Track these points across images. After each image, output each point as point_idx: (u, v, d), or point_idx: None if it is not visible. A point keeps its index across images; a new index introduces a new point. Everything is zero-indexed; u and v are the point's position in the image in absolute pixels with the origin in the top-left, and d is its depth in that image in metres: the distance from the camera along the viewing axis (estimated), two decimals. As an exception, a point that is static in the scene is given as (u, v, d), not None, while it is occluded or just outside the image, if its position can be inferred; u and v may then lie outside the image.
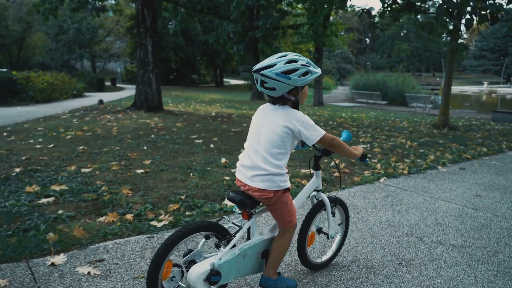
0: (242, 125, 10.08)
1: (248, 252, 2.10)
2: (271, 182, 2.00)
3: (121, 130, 8.12)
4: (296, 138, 2.04)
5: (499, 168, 6.61)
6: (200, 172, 4.99)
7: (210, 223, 2.10)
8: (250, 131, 2.15)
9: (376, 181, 5.25)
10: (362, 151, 2.32)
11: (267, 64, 1.95)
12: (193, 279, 1.91)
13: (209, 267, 1.94)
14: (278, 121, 2.00)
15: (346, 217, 2.81)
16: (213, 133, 8.33)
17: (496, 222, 3.94)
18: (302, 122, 1.98)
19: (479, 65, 68.89)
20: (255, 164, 2.01)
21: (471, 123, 14.78)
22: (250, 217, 2.13)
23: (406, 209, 4.15)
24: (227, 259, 2.00)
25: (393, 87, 27.31)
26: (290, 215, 2.15)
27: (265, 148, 2.00)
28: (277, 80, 1.92)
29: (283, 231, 2.18)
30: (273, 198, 2.04)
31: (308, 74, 1.97)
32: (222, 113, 13.18)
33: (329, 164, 5.95)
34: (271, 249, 2.18)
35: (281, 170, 2.03)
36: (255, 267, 2.18)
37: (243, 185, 2.08)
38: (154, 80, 11.69)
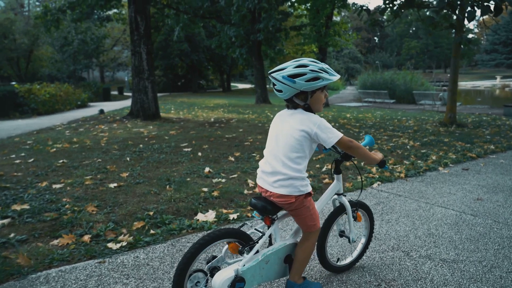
0: (239, 130, 9.79)
1: (271, 257, 2.12)
2: (293, 188, 2.01)
3: (110, 141, 7.89)
4: (313, 141, 2.05)
5: (506, 167, 6.17)
6: (178, 184, 4.70)
7: (233, 230, 2.11)
8: (269, 138, 2.16)
9: (369, 187, 4.88)
10: (381, 157, 2.28)
11: (279, 67, 2.02)
12: (218, 285, 1.92)
13: (233, 273, 1.96)
14: (295, 126, 2.01)
15: (370, 221, 2.79)
16: (205, 140, 8.05)
17: (497, 230, 3.55)
18: (318, 125, 1.99)
19: (491, 59, 67.38)
20: (275, 169, 2.02)
21: (481, 119, 14.23)
22: (272, 223, 2.14)
23: (396, 218, 3.79)
24: (251, 265, 2.02)
25: (401, 85, 26.71)
26: (313, 220, 2.14)
27: (283, 153, 2.02)
28: (283, 83, 1.97)
29: (306, 235, 2.18)
30: (295, 203, 2.04)
31: (317, 79, 1.97)
32: (221, 119, 12.91)
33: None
34: (295, 254, 2.18)
35: (301, 174, 2.04)
36: (278, 272, 2.20)
37: (265, 191, 2.09)
38: (150, 88, 11.48)
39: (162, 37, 34.61)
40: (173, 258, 2.86)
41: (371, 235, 2.83)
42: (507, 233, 3.47)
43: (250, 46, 22.22)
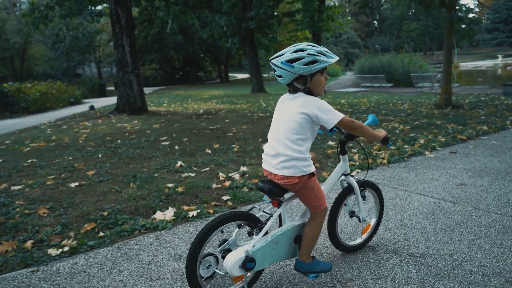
0: (225, 121, 9.53)
1: (281, 238, 2.15)
2: (295, 168, 2.03)
3: (89, 137, 7.67)
4: (315, 123, 2.07)
5: (496, 148, 5.89)
6: (143, 180, 4.47)
7: (242, 213, 2.15)
8: (272, 122, 2.19)
9: (347, 175, 4.61)
10: (385, 134, 2.28)
11: (279, 53, 2.04)
12: (229, 266, 1.98)
13: (244, 254, 2.01)
14: (296, 109, 2.04)
15: (379, 200, 2.80)
16: (187, 133, 7.80)
17: (475, 218, 3.29)
18: (318, 107, 2.00)
19: (492, 38, 66.17)
20: (277, 151, 2.05)
21: (479, 100, 13.87)
22: (280, 204, 2.18)
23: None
24: (260, 246, 2.06)
25: (399, 68, 26.22)
26: (318, 200, 2.16)
27: (285, 135, 2.04)
28: (282, 68, 2.01)
29: (314, 215, 2.20)
30: (299, 184, 2.06)
31: (315, 63, 1.99)
32: (211, 110, 12.64)
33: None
34: (303, 234, 2.21)
35: (303, 155, 2.05)
36: (288, 253, 2.23)
37: (270, 174, 2.13)
38: (135, 82, 11.21)
39: (156, 29, 34.20)
40: (114, 263, 2.64)
41: (381, 214, 2.85)
42: (486, 221, 3.21)
43: (243, 35, 21.80)
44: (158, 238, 3.01)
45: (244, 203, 3.72)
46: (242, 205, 3.70)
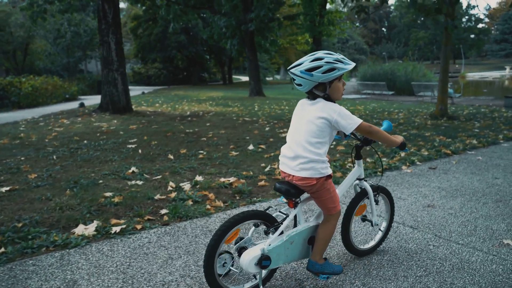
0: (206, 124, 9.18)
1: (295, 238, 2.20)
2: (313, 170, 2.07)
3: (57, 137, 7.36)
4: (334, 128, 2.11)
5: (480, 165, 5.47)
6: (84, 187, 4.12)
7: (259, 212, 2.19)
8: (291, 125, 2.23)
9: (308, 190, 4.24)
10: (402, 139, 2.34)
11: (297, 63, 2.09)
12: (246, 263, 2.04)
13: (260, 252, 2.06)
14: (316, 113, 2.08)
15: (391, 205, 2.84)
16: (160, 136, 7.45)
17: (432, 248, 2.89)
18: (338, 113, 2.06)
19: (501, 49, 65.28)
20: (296, 154, 2.10)
21: (478, 111, 13.42)
22: (296, 205, 2.21)
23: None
24: (276, 245, 2.11)
25: (402, 76, 25.79)
26: (333, 202, 2.20)
27: (304, 138, 2.09)
28: (301, 77, 2.05)
29: (327, 218, 2.24)
30: (316, 185, 2.10)
31: (333, 70, 2.04)
32: (199, 112, 12.31)
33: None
34: (316, 235, 2.25)
35: (321, 158, 2.10)
36: (302, 253, 2.27)
37: (287, 176, 2.16)
38: (120, 80, 10.90)
39: (160, 29, 34.04)
40: (-5, 289, 2.28)
41: (392, 218, 2.88)
42: (443, 253, 2.81)
43: (242, 37, 21.49)
44: (62, 258, 2.65)
45: (181, 219, 3.35)
46: (178, 220, 3.33)
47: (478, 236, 3.12)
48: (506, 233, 3.17)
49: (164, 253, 2.75)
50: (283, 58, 48.49)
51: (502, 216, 3.53)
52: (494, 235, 3.13)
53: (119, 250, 2.76)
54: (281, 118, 10.67)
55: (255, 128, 8.66)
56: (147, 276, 2.43)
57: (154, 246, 2.85)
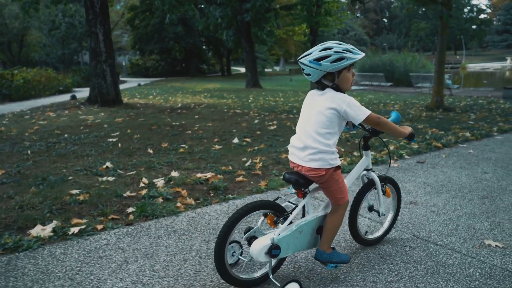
0: (194, 117, 8.98)
1: (304, 228, 2.21)
2: (323, 161, 2.08)
3: (39, 130, 7.18)
4: (343, 118, 2.11)
5: (470, 159, 5.29)
6: (51, 184, 3.95)
7: (268, 202, 2.21)
8: (300, 116, 2.24)
9: (288, 185, 4.06)
10: (410, 130, 2.32)
11: (307, 53, 2.09)
12: (256, 252, 2.05)
13: (270, 241, 2.07)
14: (325, 104, 2.08)
15: (397, 195, 2.87)
16: (145, 129, 7.27)
17: (408, 250, 2.72)
18: (347, 103, 2.05)
19: (502, 40, 64.46)
20: (306, 144, 2.10)
21: (476, 103, 13.21)
22: (305, 195, 2.22)
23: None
24: (285, 234, 2.12)
25: (401, 67, 25.47)
26: (341, 192, 2.21)
27: (314, 129, 2.09)
28: (310, 67, 2.06)
29: (335, 208, 2.25)
30: (325, 176, 2.11)
31: (342, 60, 2.03)
32: (190, 104, 12.10)
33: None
34: (325, 225, 2.26)
35: (330, 148, 2.11)
36: (310, 242, 2.29)
37: (296, 166, 2.17)
38: (109, 72, 10.67)
39: (156, 20, 33.62)
40: None
41: (398, 209, 2.89)
42: (419, 255, 2.63)
43: (238, 28, 21.18)
44: (9, 262, 2.48)
45: (146, 218, 3.18)
46: (144, 220, 3.16)
47: (459, 236, 2.94)
48: (489, 232, 2.99)
49: (120, 256, 2.58)
50: (283, 50, 48.09)
51: (487, 214, 3.35)
52: (476, 235, 2.96)
53: (73, 254, 2.59)
54: (273, 110, 10.47)
55: (244, 120, 8.47)
56: (96, 282, 2.27)
57: (112, 248, 2.68)
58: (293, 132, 7.13)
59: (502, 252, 2.67)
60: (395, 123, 2.36)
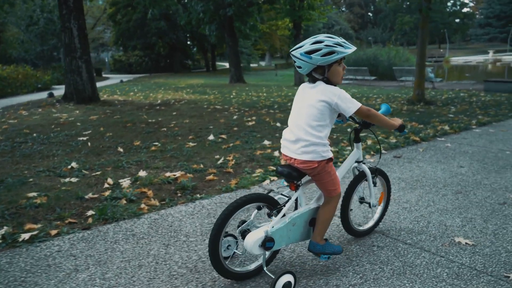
0: (172, 113, 8.78)
1: (297, 220, 2.23)
2: (315, 153, 2.09)
3: (9, 129, 6.91)
4: (334, 111, 2.13)
5: (447, 152, 5.23)
6: (8, 186, 3.74)
7: (262, 195, 2.20)
8: (292, 109, 2.24)
9: (258, 184, 3.93)
10: (400, 122, 2.35)
11: (298, 45, 2.09)
12: (250, 245, 2.06)
13: (264, 234, 2.08)
14: (317, 96, 2.10)
15: (387, 187, 2.89)
16: (119, 127, 7.06)
17: (376, 250, 2.61)
18: (338, 96, 2.07)
19: (484, 34, 65.21)
20: (298, 137, 2.11)
21: (457, 96, 13.27)
22: (297, 188, 2.24)
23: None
24: (279, 227, 2.14)
25: (385, 61, 25.55)
26: (334, 184, 2.22)
27: (305, 122, 2.10)
28: (301, 59, 2.08)
29: (328, 200, 2.26)
30: (318, 168, 2.13)
31: (332, 54, 2.04)
32: (170, 100, 11.88)
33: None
34: (318, 216, 2.27)
35: (322, 141, 2.12)
36: (303, 234, 2.31)
37: (289, 159, 2.18)
38: (85, 68, 10.37)
39: (139, 15, 33.09)
40: None
41: (388, 200, 2.92)
42: (386, 255, 2.53)
43: (221, 22, 20.93)
44: None
45: (106, 222, 3.02)
46: (103, 223, 3.00)
47: (429, 233, 2.85)
48: (460, 229, 2.91)
49: (71, 264, 2.42)
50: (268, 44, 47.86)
51: (459, 210, 3.28)
52: (447, 232, 2.87)
53: (19, 262, 2.42)
54: (254, 106, 10.33)
55: (223, 116, 8.31)
56: (39, 294, 2.11)
57: (63, 255, 2.52)
58: (272, 128, 7.01)
59: (472, 250, 2.59)
60: (385, 115, 2.39)
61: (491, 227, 2.95)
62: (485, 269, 2.36)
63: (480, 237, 2.78)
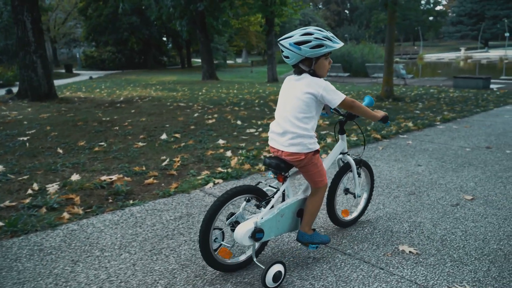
0: (131, 111, 8.38)
1: (286, 211, 2.25)
2: (302, 146, 2.12)
3: None
4: (320, 103, 2.14)
5: (407, 150, 5.06)
6: None
7: (251, 187, 2.23)
8: (278, 101, 2.26)
9: (200, 188, 3.63)
10: (383, 114, 2.39)
11: (287, 35, 2.10)
12: (240, 236, 2.06)
13: (253, 225, 2.09)
14: (302, 89, 2.11)
15: (371, 177, 2.93)
16: (68, 125, 6.63)
17: (310, 263, 2.35)
18: (324, 88, 2.09)
19: (456, 31, 66.69)
20: (284, 129, 2.13)
21: (426, 92, 13.31)
22: (285, 180, 2.25)
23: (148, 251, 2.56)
24: (268, 218, 2.15)
25: (358, 58, 25.64)
26: (320, 175, 2.25)
27: (292, 114, 2.12)
28: (289, 50, 2.08)
29: (315, 191, 2.29)
30: (305, 160, 2.15)
31: (321, 47, 2.05)
32: (134, 97, 11.43)
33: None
34: (305, 207, 2.31)
35: (309, 133, 2.13)
36: (291, 225, 2.33)
37: (276, 151, 2.20)
38: (40, 63, 9.82)
39: (110, 9, 32.16)
40: None
41: (372, 190, 2.97)
42: (321, 268, 2.27)
43: (193, 18, 20.45)
44: None
45: (13, 235, 2.66)
46: (10, 236, 2.64)
47: (373, 241, 2.62)
48: (406, 235, 2.69)
49: (-48, 288, 2.06)
50: (244, 41, 47.47)
51: (409, 213, 3.06)
52: (392, 239, 2.65)
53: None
54: (220, 103, 10.01)
55: (184, 114, 7.97)
56: None
57: None
58: (231, 126, 6.70)
59: (415, 260, 2.36)
60: (368, 107, 2.40)
61: (439, 232, 2.74)
62: (426, 282, 2.13)
63: (426, 244, 2.56)
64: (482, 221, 2.91)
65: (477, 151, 5.00)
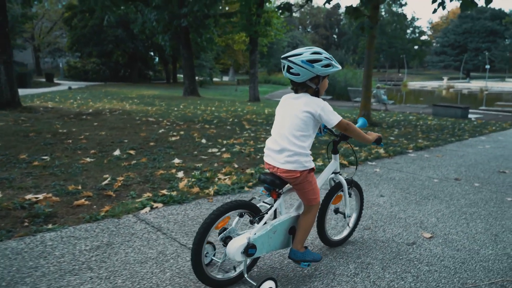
0: (93, 124, 7.96)
1: (278, 228, 2.26)
2: (298, 163, 2.13)
3: None
4: (317, 122, 2.17)
5: (372, 179, 4.79)
6: None
7: (244, 202, 2.23)
8: (276, 119, 2.29)
9: (134, 213, 3.25)
10: (376, 136, 2.45)
11: (295, 52, 2.12)
12: (232, 252, 2.06)
13: (246, 241, 2.09)
14: (301, 107, 2.14)
15: (361, 198, 2.95)
16: (17, 136, 6.19)
17: None
18: (322, 108, 2.13)
19: (440, 61, 68.51)
20: (281, 147, 2.15)
21: (405, 118, 13.23)
22: (279, 196, 2.28)
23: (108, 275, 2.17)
24: (261, 234, 2.16)
25: (342, 81, 25.84)
26: (314, 193, 2.27)
27: (289, 132, 2.15)
28: (302, 67, 2.08)
29: (308, 208, 2.31)
30: (300, 177, 2.17)
31: (329, 66, 2.12)
32: (104, 110, 11.01)
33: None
34: (298, 225, 2.32)
35: (305, 151, 2.16)
36: (283, 242, 2.34)
37: (272, 168, 2.21)
38: (3, 70, 9.36)
39: (96, 21, 31.87)
40: None
41: (361, 211, 2.97)
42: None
43: (177, 33, 20.25)
44: None
45: None
46: None
47: (310, 286, 2.27)
48: (349, 280, 2.36)
49: None
50: (232, 59, 47.63)
51: (358, 252, 2.74)
52: (332, 284, 2.30)
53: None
54: (192, 120, 9.68)
55: (149, 129, 7.59)
56: None
57: None
58: (194, 144, 6.33)
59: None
60: (362, 128, 2.47)
61: (387, 276, 2.42)
62: None
63: (368, 293, 2.23)
64: (438, 265, 2.60)
65: (445, 182, 4.75)
